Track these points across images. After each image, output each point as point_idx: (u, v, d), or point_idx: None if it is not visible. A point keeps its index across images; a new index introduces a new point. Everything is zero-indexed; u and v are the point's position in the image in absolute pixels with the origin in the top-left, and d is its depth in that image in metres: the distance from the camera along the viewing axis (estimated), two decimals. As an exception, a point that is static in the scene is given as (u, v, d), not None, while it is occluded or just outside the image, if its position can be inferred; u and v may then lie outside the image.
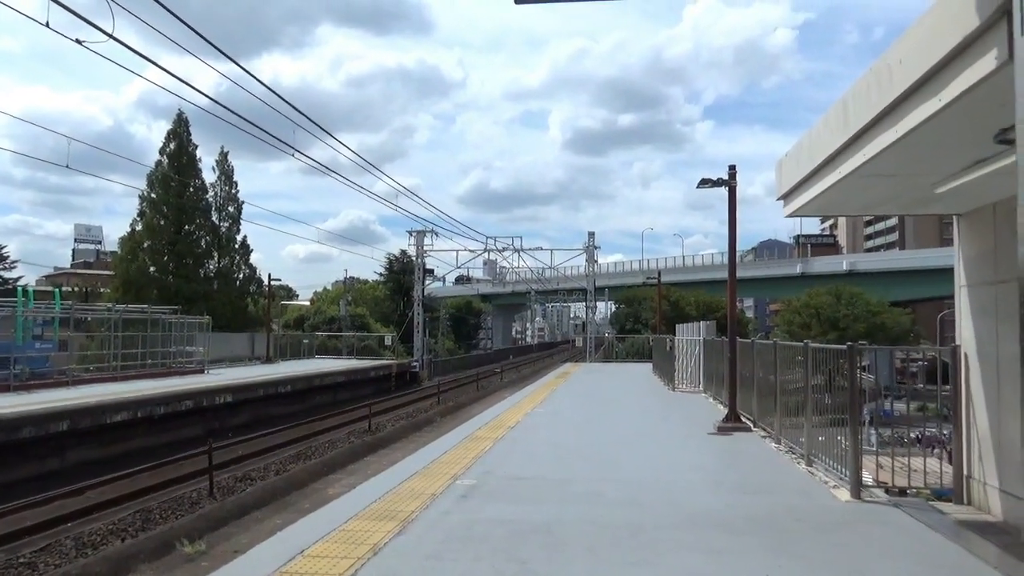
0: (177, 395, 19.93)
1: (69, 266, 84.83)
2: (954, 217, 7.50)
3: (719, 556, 5.17)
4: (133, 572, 8.48)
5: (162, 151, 41.99)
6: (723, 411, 12.67)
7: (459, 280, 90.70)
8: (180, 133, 41.95)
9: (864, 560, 5.12)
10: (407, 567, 4.90)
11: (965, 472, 6.95)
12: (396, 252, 71.88)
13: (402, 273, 66.48)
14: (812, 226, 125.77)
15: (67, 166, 20.47)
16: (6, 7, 11.53)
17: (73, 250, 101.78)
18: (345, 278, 72.38)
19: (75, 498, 12.38)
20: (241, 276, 45.09)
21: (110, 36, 11.06)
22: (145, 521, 10.70)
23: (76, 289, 50.42)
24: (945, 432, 8.07)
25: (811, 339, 8.74)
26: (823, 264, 71.37)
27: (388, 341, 48.24)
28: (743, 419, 11.90)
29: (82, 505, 11.81)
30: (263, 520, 11.09)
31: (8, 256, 54.44)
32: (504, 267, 52.69)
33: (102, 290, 49.48)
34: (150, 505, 11.58)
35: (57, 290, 34.47)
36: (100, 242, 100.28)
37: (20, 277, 52.75)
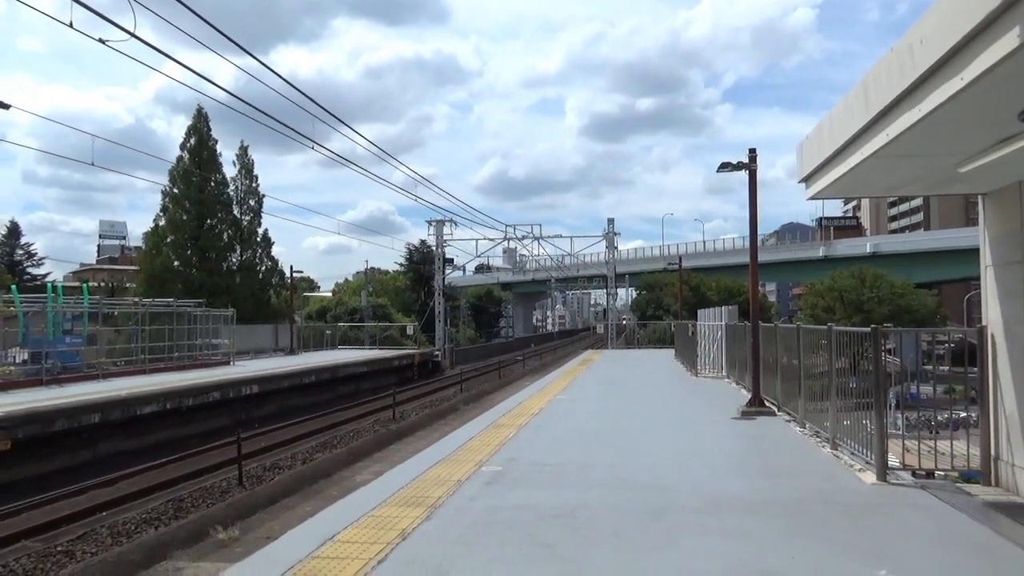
0: (204, 387, 20.24)
1: (95, 262, 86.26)
2: (979, 197, 7.42)
3: (743, 539, 5.20)
4: (168, 558, 8.67)
5: (183, 146, 42.32)
6: (746, 396, 12.64)
7: (479, 269, 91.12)
8: (200, 128, 42.26)
9: (890, 542, 5.12)
10: (436, 551, 4.98)
11: (993, 453, 6.91)
12: (416, 242, 72.70)
13: (422, 263, 66.95)
14: (835, 209, 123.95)
15: (92, 163, 20.71)
16: (32, 9, 11.71)
17: (98, 246, 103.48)
18: (366, 269, 72.99)
19: (108, 488, 12.66)
20: (263, 269, 45.41)
21: (132, 35, 11.20)
22: (177, 510, 10.93)
23: (103, 284, 51.26)
24: (972, 415, 8.01)
25: (835, 322, 8.67)
26: (846, 247, 70.50)
27: (410, 331, 48.47)
28: (767, 404, 11.87)
29: (115, 495, 12.07)
30: (293, 507, 11.29)
31: (36, 253, 55.53)
32: (524, 255, 52.71)
33: (128, 285, 50.25)
34: (181, 494, 11.81)
35: (85, 285, 35.06)
36: (124, 237, 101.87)
37: (48, 273, 53.93)
